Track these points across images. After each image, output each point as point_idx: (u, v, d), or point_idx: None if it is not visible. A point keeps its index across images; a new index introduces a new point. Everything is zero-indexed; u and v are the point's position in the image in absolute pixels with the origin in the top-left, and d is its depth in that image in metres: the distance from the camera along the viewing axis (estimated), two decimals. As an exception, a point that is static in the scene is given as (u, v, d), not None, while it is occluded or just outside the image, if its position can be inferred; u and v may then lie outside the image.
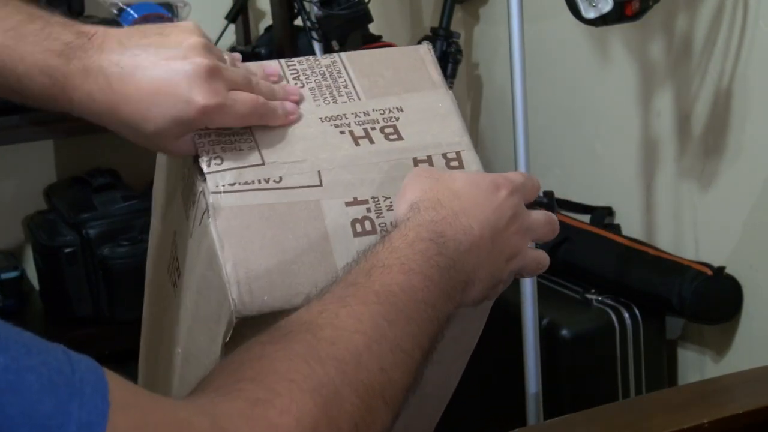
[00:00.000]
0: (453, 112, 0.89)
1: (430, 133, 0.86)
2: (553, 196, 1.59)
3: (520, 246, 0.76)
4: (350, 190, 0.81)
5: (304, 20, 1.83)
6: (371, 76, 0.89)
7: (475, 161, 0.86)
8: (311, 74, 0.88)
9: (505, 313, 1.78)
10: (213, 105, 0.72)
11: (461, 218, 0.72)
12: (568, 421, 1.03)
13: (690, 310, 1.68)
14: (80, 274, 1.90)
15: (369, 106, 0.87)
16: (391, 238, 0.69)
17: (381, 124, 0.86)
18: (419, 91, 0.89)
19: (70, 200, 1.96)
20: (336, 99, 0.87)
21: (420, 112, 0.88)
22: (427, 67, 0.91)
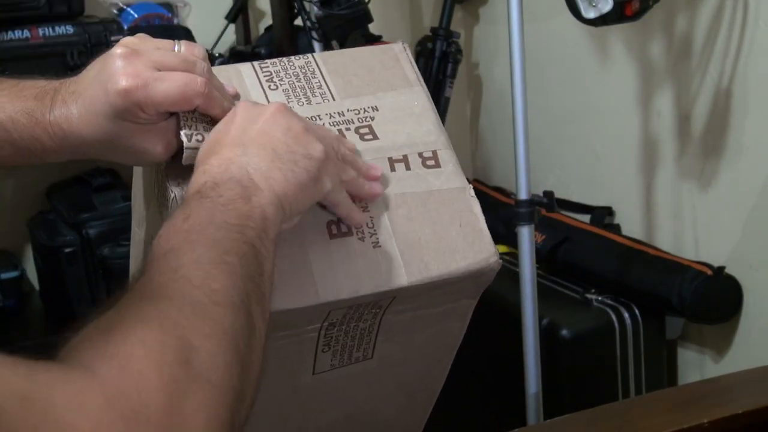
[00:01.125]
0: (428, 110, 0.88)
1: (405, 132, 0.85)
2: (553, 196, 1.59)
3: (285, 117, 0.73)
4: None
5: (304, 20, 1.83)
6: (346, 75, 0.88)
7: (451, 159, 0.86)
8: (285, 75, 0.87)
9: (505, 313, 1.78)
10: (132, 85, 0.72)
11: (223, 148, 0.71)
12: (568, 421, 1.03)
13: (690, 309, 1.68)
14: (80, 274, 1.90)
15: (343, 106, 0.86)
16: (189, 191, 0.69)
17: (356, 124, 0.85)
18: (394, 89, 0.88)
19: (70, 200, 1.96)
20: (310, 100, 0.86)
21: (395, 111, 0.87)
22: (403, 65, 0.90)
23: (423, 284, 0.79)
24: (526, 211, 1.53)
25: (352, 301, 0.77)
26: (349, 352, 0.82)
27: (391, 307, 0.80)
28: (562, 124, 2.11)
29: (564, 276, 1.91)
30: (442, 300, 0.83)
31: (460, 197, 0.84)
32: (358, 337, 0.81)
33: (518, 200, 1.54)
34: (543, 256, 1.90)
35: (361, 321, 0.80)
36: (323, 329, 0.78)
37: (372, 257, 0.78)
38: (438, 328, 0.86)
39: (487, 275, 0.84)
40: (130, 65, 0.72)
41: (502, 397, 1.93)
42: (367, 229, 0.79)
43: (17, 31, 1.78)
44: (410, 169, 0.83)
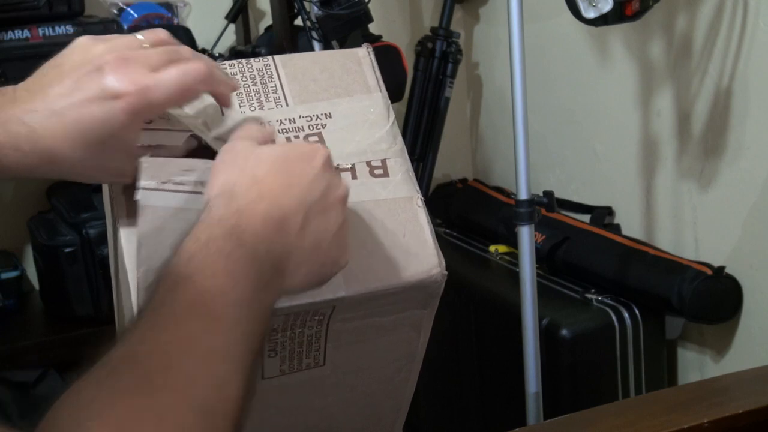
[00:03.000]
0: (384, 117, 0.86)
1: (356, 140, 0.84)
2: (553, 196, 1.59)
3: (340, 215, 0.70)
4: None
5: (304, 20, 1.83)
6: (303, 80, 0.86)
7: (401, 168, 0.84)
8: (241, 78, 0.85)
9: (505, 313, 1.78)
10: (133, 90, 0.66)
11: (259, 205, 0.64)
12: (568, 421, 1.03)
13: (690, 309, 1.68)
14: (80, 273, 1.90)
15: (296, 112, 0.84)
16: (185, 246, 0.62)
17: (306, 131, 0.83)
18: (351, 95, 0.87)
19: (70, 200, 1.96)
20: (263, 105, 0.84)
21: (349, 118, 0.85)
22: (364, 70, 0.89)
23: (362, 295, 0.77)
24: (526, 211, 1.53)
25: (287, 309, 0.75)
26: (298, 358, 0.81)
27: (335, 316, 0.79)
28: (562, 124, 2.11)
29: (564, 276, 1.91)
30: (389, 309, 0.82)
31: (407, 207, 0.82)
32: (306, 343, 0.80)
33: (518, 200, 1.54)
34: (543, 256, 1.90)
35: (306, 327, 0.79)
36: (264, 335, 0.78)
37: None
38: (391, 337, 0.85)
39: (431, 287, 0.81)
40: (129, 72, 0.67)
41: (502, 397, 1.93)
42: None
43: (17, 31, 1.78)
44: (356, 178, 0.82)
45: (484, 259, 2.09)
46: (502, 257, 2.06)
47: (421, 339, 0.88)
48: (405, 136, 2.16)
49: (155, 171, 0.71)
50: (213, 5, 2.16)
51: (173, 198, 0.71)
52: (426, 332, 0.87)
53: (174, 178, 0.72)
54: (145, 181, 0.71)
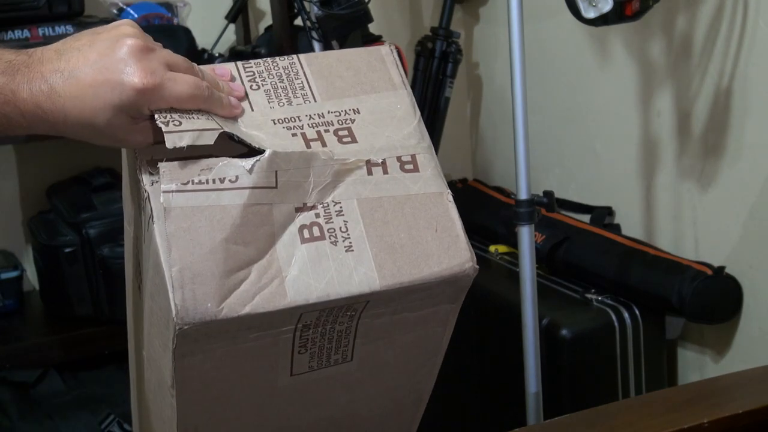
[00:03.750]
0: (411, 114, 0.87)
1: (385, 135, 0.85)
2: (553, 196, 1.59)
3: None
4: (301, 194, 0.79)
5: (304, 20, 1.83)
6: (329, 77, 0.88)
7: (430, 164, 0.85)
8: (267, 76, 0.87)
9: (505, 313, 1.78)
10: (150, 84, 0.72)
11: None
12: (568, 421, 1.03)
13: (690, 309, 1.68)
14: (80, 273, 1.90)
15: (324, 107, 0.85)
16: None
17: (335, 126, 0.84)
18: (378, 92, 0.88)
19: (70, 200, 1.96)
20: (291, 101, 0.85)
21: (376, 114, 0.86)
22: (388, 67, 0.90)
23: (396, 289, 0.79)
24: (526, 211, 1.53)
25: (323, 304, 0.77)
26: (327, 354, 0.82)
27: (367, 311, 0.80)
28: (562, 124, 2.11)
29: (564, 276, 1.91)
30: (419, 304, 0.83)
31: (437, 202, 0.83)
32: (336, 339, 0.81)
33: (518, 200, 1.54)
34: (543, 256, 1.90)
35: (337, 323, 0.80)
36: (298, 331, 0.79)
37: (344, 261, 0.78)
38: (419, 332, 0.86)
39: (463, 281, 0.83)
40: (146, 61, 0.73)
41: (502, 397, 1.93)
42: (340, 233, 0.79)
43: (17, 31, 1.78)
44: (388, 173, 0.83)
45: (484, 259, 2.09)
46: (502, 257, 2.06)
47: (446, 334, 0.89)
48: (405, 136, 2.16)
49: (175, 174, 0.75)
50: (213, 5, 2.16)
51: (196, 197, 0.75)
52: (451, 327, 0.89)
53: (194, 178, 0.75)
54: (166, 185, 0.74)
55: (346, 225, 0.79)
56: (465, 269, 0.82)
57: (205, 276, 0.73)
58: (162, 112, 0.75)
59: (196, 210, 0.75)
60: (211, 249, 0.74)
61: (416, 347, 0.88)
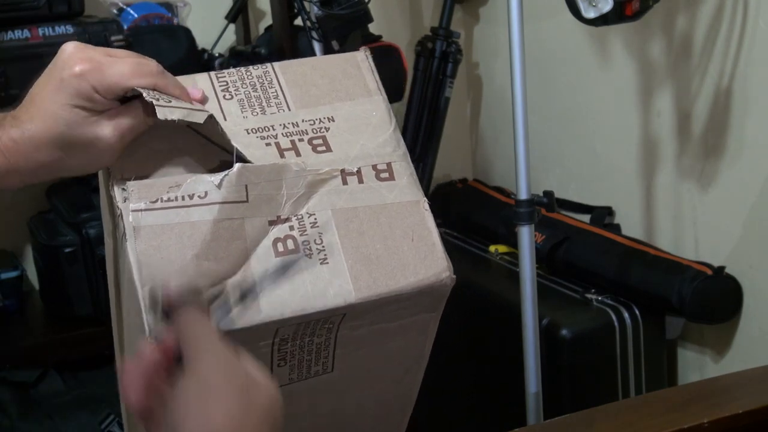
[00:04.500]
0: (386, 121, 0.86)
1: (360, 143, 0.84)
2: (553, 196, 1.59)
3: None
4: (274, 207, 0.78)
5: (304, 20, 1.83)
6: (304, 85, 0.87)
7: (406, 172, 0.84)
8: (241, 85, 0.85)
9: (505, 313, 1.78)
10: (87, 67, 0.73)
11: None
12: (568, 421, 1.03)
13: (690, 309, 1.68)
14: (80, 273, 1.90)
15: (299, 116, 0.84)
16: None
17: (309, 135, 0.83)
18: (353, 99, 0.87)
19: (70, 200, 1.96)
20: (265, 110, 0.84)
21: (351, 121, 0.85)
22: (364, 74, 0.89)
23: (372, 301, 0.78)
24: (526, 210, 1.53)
25: (298, 318, 0.76)
26: (307, 366, 0.81)
27: (345, 323, 0.79)
28: (562, 124, 2.11)
29: (564, 276, 1.91)
30: (398, 315, 0.82)
31: (414, 211, 0.82)
32: (315, 351, 0.80)
33: (518, 200, 1.54)
34: (543, 256, 1.90)
35: (315, 336, 0.79)
36: (275, 345, 0.78)
37: (319, 274, 0.77)
38: (399, 341, 0.85)
39: (440, 291, 0.82)
40: (83, 52, 0.74)
41: (502, 397, 1.92)
42: (315, 246, 0.78)
43: (17, 31, 1.78)
44: (363, 182, 0.82)
45: (484, 259, 2.09)
46: (502, 257, 2.06)
47: (427, 342, 0.88)
48: (405, 136, 2.16)
49: (144, 192, 0.75)
50: (213, 5, 2.16)
51: (165, 215, 0.74)
52: (432, 335, 0.88)
53: (163, 196, 0.75)
54: (135, 204, 0.74)
55: (321, 237, 0.78)
56: (442, 279, 0.81)
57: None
58: (149, 92, 0.74)
59: (165, 228, 0.74)
60: (182, 266, 0.73)
61: (398, 356, 0.87)
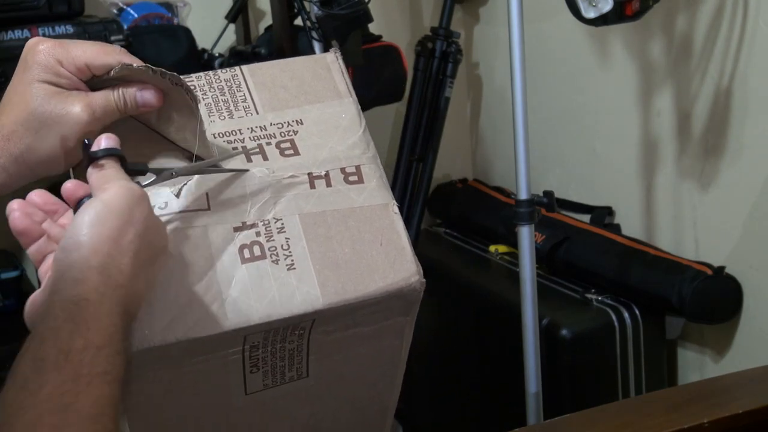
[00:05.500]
0: (356, 123, 0.85)
1: (329, 146, 0.83)
2: (553, 196, 1.59)
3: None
4: (239, 213, 0.77)
5: (304, 20, 1.83)
6: (273, 88, 0.86)
7: (375, 174, 0.83)
8: (209, 89, 0.85)
9: (505, 313, 1.78)
10: (50, 43, 0.74)
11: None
12: (568, 421, 1.03)
13: (690, 309, 1.68)
14: (80, 274, 1.90)
15: (267, 119, 0.84)
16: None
17: (277, 138, 0.82)
18: (322, 101, 0.86)
19: (70, 200, 1.96)
20: (233, 114, 0.83)
21: (320, 124, 0.84)
22: (333, 75, 0.88)
23: (340, 306, 0.77)
24: (526, 210, 1.53)
25: (265, 326, 0.75)
26: (281, 372, 0.81)
27: (315, 328, 0.79)
28: (562, 124, 2.11)
29: (564, 276, 1.91)
30: (370, 319, 0.81)
31: (382, 214, 0.82)
32: (288, 357, 0.80)
33: (518, 200, 1.54)
34: (543, 256, 1.90)
35: (287, 342, 0.79)
36: (246, 352, 0.77)
37: (286, 280, 0.76)
38: (374, 345, 0.84)
39: (410, 295, 0.81)
40: (45, 38, 0.75)
41: (502, 397, 1.93)
42: (282, 251, 0.77)
43: (17, 31, 1.78)
44: (331, 185, 0.81)
45: (484, 259, 2.09)
46: (502, 257, 2.06)
47: (403, 345, 0.87)
48: (405, 136, 2.16)
49: None
50: (213, 5, 2.16)
51: None
52: (408, 338, 0.87)
53: None
54: None
55: (288, 242, 0.78)
56: (411, 283, 0.80)
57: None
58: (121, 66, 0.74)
59: None
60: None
61: (374, 360, 0.86)
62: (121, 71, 0.74)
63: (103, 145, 0.72)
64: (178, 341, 0.72)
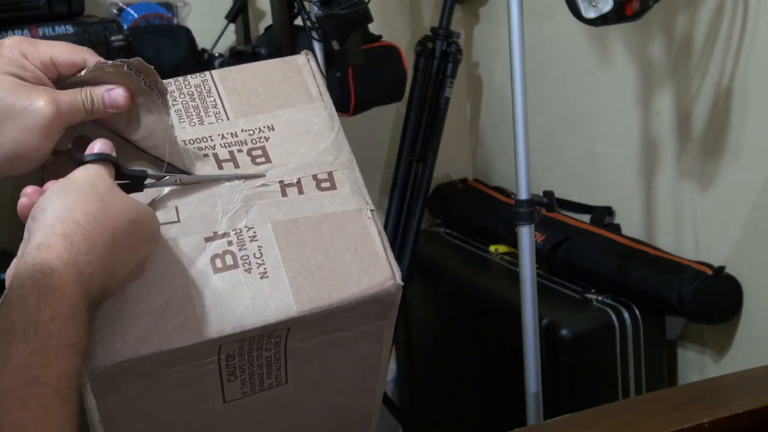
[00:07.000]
0: (329, 127, 0.84)
1: (300, 152, 0.82)
2: (553, 196, 1.59)
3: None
4: (210, 223, 0.77)
5: (304, 20, 1.83)
6: (243, 92, 0.85)
7: (349, 180, 0.82)
8: (179, 95, 0.84)
9: (505, 313, 1.78)
10: (19, 38, 0.74)
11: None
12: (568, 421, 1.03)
13: (690, 309, 1.68)
14: (80, 274, 1.90)
15: (237, 126, 0.83)
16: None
17: (249, 145, 0.82)
18: (294, 105, 0.85)
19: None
20: (203, 120, 0.83)
21: (292, 129, 0.83)
22: (305, 77, 0.87)
23: (315, 313, 0.77)
24: (526, 210, 1.53)
25: (240, 335, 0.75)
26: (259, 379, 0.80)
27: (292, 335, 0.78)
28: (562, 124, 2.11)
29: (564, 276, 1.91)
30: (347, 324, 0.81)
31: (356, 219, 0.81)
32: (266, 364, 0.79)
33: (518, 200, 1.54)
34: (543, 256, 1.90)
35: (264, 350, 0.78)
36: (222, 361, 0.77)
37: (259, 289, 0.76)
38: (354, 350, 0.84)
39: (386, 299, 0.80)
40: (17, 36, 0.75)
41: (502, 397, 1.93)
42: (255, 260, 0.77)
43: (17, 31, 1.78)
44: (303, 192, 0.81)
45: (484, 259, 2.09)
46: (502, 257, 2.06)
47: (383, 349, 0.86)
48: (405, 136, 2.16)
49: None
50: (213, 5, 2.16)
51: None
52: (388, 342, 0.86)
53: None
54: None
55: (260, 251, 0.77)
56: (386, 287, 0.79)
57: (113, 316, 0.71)
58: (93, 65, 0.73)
59: None
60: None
61: (354, 365, 0.86)
62: (95, 70, 0.73)
63: (96, 150, 0.72)
64: (152, 354, 0.71)
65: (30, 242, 0.67)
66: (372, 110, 1.99)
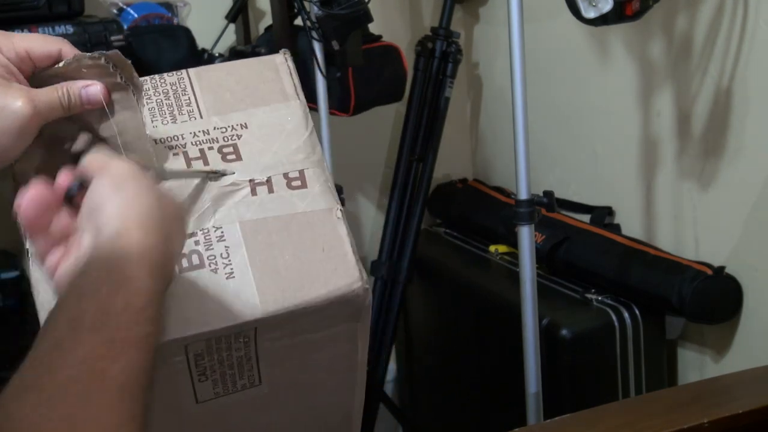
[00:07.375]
0: (302, 126, 0.84)
1: (272, 150, 0.82)
2: (553, 196, 1.59)
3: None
4: None
5: (304, 20, 1.83)
6: (218, 91, 0.84)
7: (320, 179, 0.82)
8: (153, 93, 0.83)
9: (505, 313, 1.78)
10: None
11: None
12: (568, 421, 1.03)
13: (690, 309, 1.68)
14: (80, 273, 1.90)
15: (210, 124, 0.82)
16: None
17: (220, 143, 0.81)
18: (268, 104, 0.85)
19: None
20: (176, 118, 0.82)
21: (265, 128, 0.83)
22: (281, 77, 0.87)
23: (281, 314, 0.76)
24: (526, 210, 1.53)
25: (205, 335, 0.74)
26: (231, 380, 0.80)
27: (260, 336, 0.78)
28: (562, 124, 2.11)
29: (564, 276, 1.91)
30: (318, 326, 0.80)
31: (325, 219, 0.80)
32: (237, 365, 0.79)
33: (518, 200, 1.54)
34: (543, 256, 1.90)
35: (233, 350, 0.78)
36: (191, 360, 0.76)
37: (225, 289, 0.75)
38: (328, 351, 0.83)
39: (354, 301, 0.79)
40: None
41: (502, 397, 1.93)
42: (221, 260, 0.76)
43: (17, 31, 1.77)
44: (273, 191, 0.80)
45: (484, 259, 2.09)
46: (502, 257, 2.06)
47: (359, 350, 0.86)
48: (405, 136, 2.16)
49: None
50: (213, 5, 2.16)
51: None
52: (364, 343, 0.85)
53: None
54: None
55: (227, 251, 0.77)
56: (353, 290, 0.79)
57: None
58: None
59: None
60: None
61: (329, 367, 0.85)
62: (72, 62, 0.72)
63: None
64: None
65: (102, 232, 0.64)
66: (372, 110, 1.99)
